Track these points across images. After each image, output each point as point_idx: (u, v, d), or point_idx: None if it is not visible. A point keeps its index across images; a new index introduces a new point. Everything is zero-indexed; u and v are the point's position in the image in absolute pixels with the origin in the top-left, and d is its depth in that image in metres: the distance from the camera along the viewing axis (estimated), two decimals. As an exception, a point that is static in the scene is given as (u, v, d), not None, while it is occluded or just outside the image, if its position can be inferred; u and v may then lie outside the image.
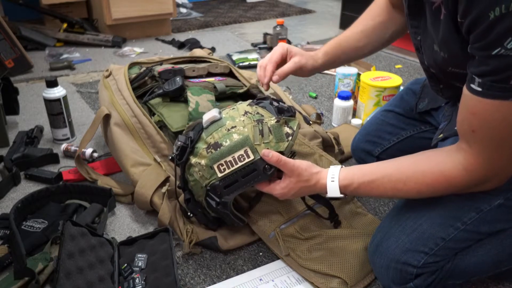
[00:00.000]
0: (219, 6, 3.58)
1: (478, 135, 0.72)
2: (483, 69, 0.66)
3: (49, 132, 1.51)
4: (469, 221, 0.82)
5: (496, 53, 0.63)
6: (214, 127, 0.90)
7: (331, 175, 0.87)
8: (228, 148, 0.88)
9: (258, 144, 0.88)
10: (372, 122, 1.27)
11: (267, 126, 0.89)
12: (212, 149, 0.88)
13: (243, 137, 0.88)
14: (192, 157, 0.91)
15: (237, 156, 0.87)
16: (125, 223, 1.12)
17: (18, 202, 1.07)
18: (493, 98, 0.67)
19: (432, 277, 0.84)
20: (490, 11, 0.61)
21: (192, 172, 0.92)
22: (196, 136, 0.92)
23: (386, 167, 0.85)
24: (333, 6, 3.60)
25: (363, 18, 1.08)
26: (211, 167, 0.89)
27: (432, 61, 0.85)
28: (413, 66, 2.22)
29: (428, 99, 1.12)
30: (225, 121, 0.91)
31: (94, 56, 2.36)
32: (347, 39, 1.06)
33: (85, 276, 0.86)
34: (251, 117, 0.90)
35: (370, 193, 0.86)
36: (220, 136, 0.89)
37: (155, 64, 1.38)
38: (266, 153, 0.86)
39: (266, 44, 2.50)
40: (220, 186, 0.89)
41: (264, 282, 0.94)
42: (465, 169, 0.75)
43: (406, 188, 0.81)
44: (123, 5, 2.46)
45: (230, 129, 0.89)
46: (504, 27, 0.60)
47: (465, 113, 0.74)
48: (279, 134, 0.90)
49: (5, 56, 2.00)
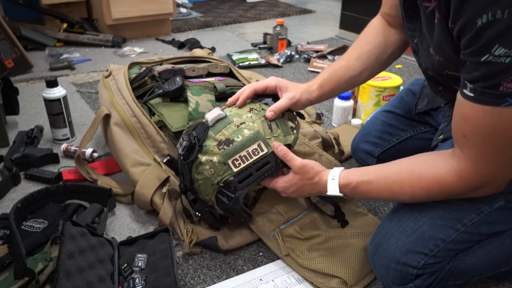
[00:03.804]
0: (219, 6, 3.58)
1: (470, 140, 0.72)
2: (474, 75, 0.66)
3: (49, 132, 1.51)
4: (469, 222, 0.82)
5: (484, 60, 0.63)
6: (221, 125, 0.91)
7: (332, 174, 0.88)
8: (241, 143, 0.89)
9: (269, 138, 0.90)
10: (372, 122, 1.27)
11: (274, 121, 0.92)
12: (224, 145, 0.89)
13: (255, 132, 0.90)
14: (201, 155, 0.91)
15: (251, 150, 0.89)
16: (125, 223, 1.12)
17: (18, 202, 1.07)
18: (484, 104, 0.67)
19: (432, 278, 0.84)
20: (477, 18, 0.61)
21: (202, 171, 0.92)
22: (202, 135, 0.92)
23: (385, 168, 0.86)
24: (333, 6, 3.60)
25: (359, 43, 1.04)
26: (224, 163, 0.89)
27: (429, 64, 0.85)
28: (413, 66, 2.22)
29: (428, 99, 1.12)
30: (231, 118, 0.92)
31: (94, 56, 2.36)
32: (342, 69, 1.01)
33: (85, 276, 0.86)
34: (257, 113, 0.93)
35: (368, 194, 0.87)
36: (231, 132, 0.90)
37: (155, 64, 1.38)
38: (276, 145, 0.89)
39: (266, 44, 2.50)
40: (234, 181, 0.90)
41: (264, 282, 0.94)
42: (457, 174, 0.76)
43: (402, 191, 0.82)
44: (123, 5, 2.46)
45: (240, 125, 0.90)
46: (491, 34, 0.61)
47: (457, 118, 0.74)
48: (285, 127, 0.93)
49: (5, 56, 2.00)
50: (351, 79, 1.01)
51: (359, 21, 2.68)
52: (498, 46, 0.61)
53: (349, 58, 1.02)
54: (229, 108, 0.96)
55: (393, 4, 0.98)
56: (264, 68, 2.20)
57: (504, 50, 0.60)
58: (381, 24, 1.04)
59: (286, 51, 2.29)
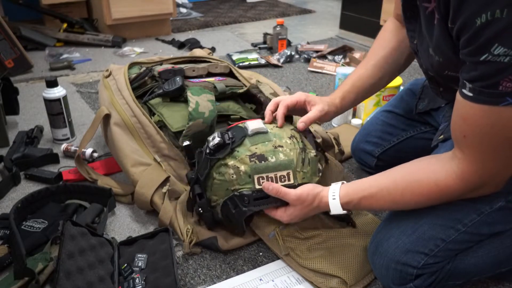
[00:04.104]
0: (219, 6, 3.58)
1: (470, 140, 0.72)
2: (472, 75, 0.66)
3: (49, 132, 1.51)
4: (470, 223, 0.82)
5: (484, 59, 0.63)
6: (260, 139, 0.92)
7: (332, 193, 0.88)
8: (273, 165, 0.90)
9: (298, 171, 0.91)
10: (372, 122, 1.26)
11: (307, 157, 0.93)
12: (257, 160, 0.90)
13: (289, 160, 0.90)
14: (230, 159, 0.91)
15: (279, 176, 0.90)
16: (125, 223, 1.12)
17: (18, 202, 1.07)
18: (483, 103, 0.67)
19: (432, 278, 0.84)
20: (476, 18, 0.61)
21: (223, 172, 0.92)
22: (238, 140, 0.92)
23: (384, 179, 0.85)
24: (333, 6, 3.60)
25: (374, 48, 1.05)
26: (249, 176, 0.90)
27: (429, 65, 0.85)
28: (413, 66, 2.22)
29: (428, 99, 1.12)
30: (271, 136, 0.92)
31: (94, 56, 2.36)
32: (361, 78, 1.02)
33: (85, 276, 0.86)
34: (296, 143, 0.93)
35: (372, 207, 0.87)
36: (267, 151, 0.90)
37: (155, 64, 1.38)
38: (266, 185, 0.89)
39: (266, 44, 2.50)
40: (251, 196, 0.90)
41: (264, 282, 0.94)
42: (458, 177, 0.75)
43: (404, 200, 0.82)
44: (123, 5, 2.46)
45: (277, 147, 0.91)
46: (490, 34, 0.61)
47: (457, 118, 0.74)
48: (315, 168, 0.95)
49: (5, 56, 2.00)
50: (371, 87, 1.03)
51: (359, 21, 2.69)
52: (498, 46, 0.61)
53: (366, 66, 1.03)
54: (270, 125, 0.96)
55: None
56: (264, 68, 2.20)
57: (504, 49, 0.60)
58: (394, 26, 1.04)
59: (286, 51, 2.29)
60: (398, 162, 0.86)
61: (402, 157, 1.18)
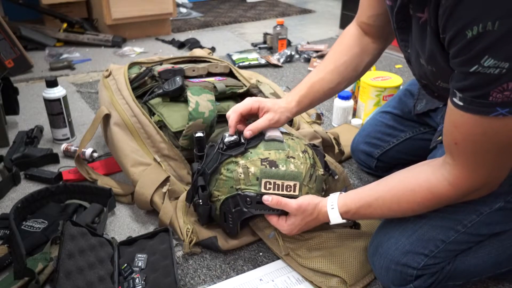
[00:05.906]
0: (219, 6, 3.58)
1: (461, 147, 0.72)
2: (463, 84, 0.66)
3: (49, 132, 1.51)
4: (469, 223, 0.82)
5: (474, 70, 0.63)
6: (275, 146, 0.94)
7: (330, 203, 0.89)
8: (283, 173, 0.91)
9: (305, 185, 0.92)
10: (370, 123, 1.26)
11: (315, 174, 0.95)
12: (267, 164, 0.91)
13: (298, 172, 0.92)
14: (241, 158, 0.93)
15: (286, 185, 0.91)
16: (125, 223, 1.12)
17: (18, 202, 1.07)
18: (473, 113, 0.67)
19: (432, 279, 0.84)
20: (467, 30, 0.61)
21: (232, 169, 0.93)
22: (254, 142, 0.94)
23: (380, 188, 0.85)
24: (333, 6, 3.60)
25: (335, 53, 1.03)
26: (257, 178, 0.91)
27: (422, 73, 0.86)
28: (413, 66, 2.22)
29: (426, 100, 1.12)
30: (286, 146, 0.94)
31: (94, 56, 2.36)
32: (320, 83, 1.01)
33: (85, 276, 0.86)
34: (308, 159, 0.95)
35: (372, 216, 0.87)
36: (279, 158, 0.92)
37: (155, 64, 1.38)
38: (266, 198, 0.90)
39: (266, 44, 2.50)
40: (254, 199, 0.91)
41: (264, 282, 0.94)
42: (450, 184, 0.75)
43: (400, 209, 0.82)
44: (123, 5, 2.46)
45: (289, 157, 0.93)
46: (481, 46, 0.61)
47: (448, 125, 0.74)
48: (319, 186, 0.97)
49: (5, 56, 2.00)
50: (328, 91, 1.02)
51: (359, 21, 2.68)
52: (488, 57, 0.60)
53: (325, 70, 1.02)
54: (286, 135, 0.98)
55: (373, 14, 0.98)
56: (264, 68, 2.20)
57: (494, 61, 0.60)
58: (356, 33, 1.03)
59: (286, 51, 2.29)
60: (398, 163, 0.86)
61: (402, 158, 1.19)
